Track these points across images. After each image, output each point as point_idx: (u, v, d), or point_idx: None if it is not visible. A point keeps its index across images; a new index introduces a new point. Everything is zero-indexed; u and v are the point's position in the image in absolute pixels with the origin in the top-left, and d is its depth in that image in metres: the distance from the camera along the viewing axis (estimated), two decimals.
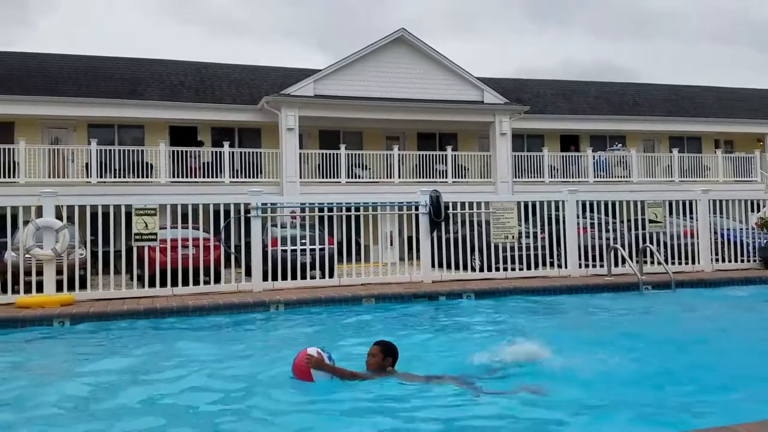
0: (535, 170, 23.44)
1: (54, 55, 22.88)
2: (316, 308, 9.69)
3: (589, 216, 13.42)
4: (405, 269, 12.63)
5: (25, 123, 20.42)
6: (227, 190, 18.71)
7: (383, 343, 5.07)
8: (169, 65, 23.61)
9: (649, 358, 5.85)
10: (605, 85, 29.23)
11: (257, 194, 11.54)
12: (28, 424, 4.29)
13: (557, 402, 4.50)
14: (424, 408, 4.36)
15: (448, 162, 22.39)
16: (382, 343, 5.05)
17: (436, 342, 7.17)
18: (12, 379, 5.66)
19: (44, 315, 8.76)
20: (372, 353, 4.98)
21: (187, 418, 4.37)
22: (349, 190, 19.82)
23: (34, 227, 10.08)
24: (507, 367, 5.28)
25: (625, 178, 24.33)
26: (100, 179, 19.12)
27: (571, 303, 10.03)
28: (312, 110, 21.21)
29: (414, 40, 22.19)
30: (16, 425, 4.26)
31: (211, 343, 7.27)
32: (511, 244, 12.54)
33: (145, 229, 10.53)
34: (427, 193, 12.24)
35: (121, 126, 21.68)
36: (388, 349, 5.00)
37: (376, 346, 5.02)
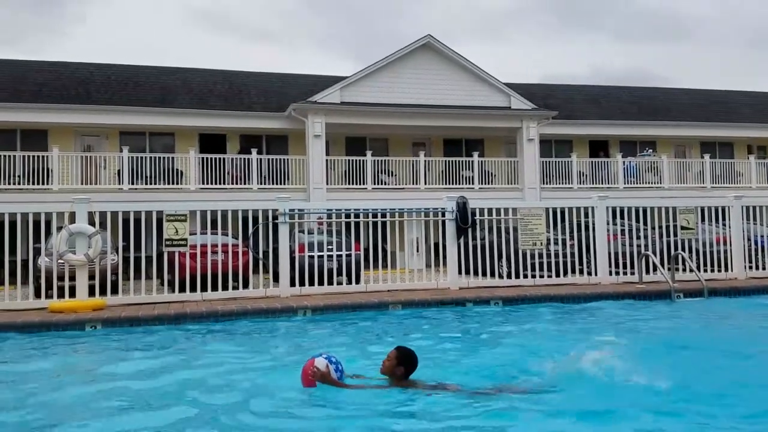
0: (563, 176, 23.22)
1: (87, 64, 23.40)
2: (343, 314, 9.71)
3: (619, 222, 13.23)
4: (432, 276, 12.59)
5: (58, 131, 20.89)
6: (255, 197, 18.89)
7: (402, 350, 5.00)
8: (198, 73, 23.97)
9: (690, 371, 5.66)
10: (635, 90, 28.84)
11: (285, 200, 11.62)
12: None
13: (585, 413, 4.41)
14: (424, 419, 4.32)
15: (475, 168, 22.30)
16: (400, 350, 4.99)
17: (463, 348, 7.11)
18: (46, 381, 5.77)
19: (77, 320, 8.90)
20: (388, 357, 4.95)
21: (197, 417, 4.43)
22: (375, 197, 19.91)
23: (68, 233, 10.29)
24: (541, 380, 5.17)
25: (656, 184, 23.97)
26: (132, 186, 19.47)
27: (602, 311, 9.87)
28: (338, 117, 21.33)
29: (440, 46, 22.19)
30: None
31: (239, 346, 7.33)
32: (540, 251, 12.42)
33: (175, 235, 10.68)
34: (453, 199, 12.20)
35: (152, 133, 22.06)
36: (405, 357, 4.92)
37: (395, 351, 4.98)
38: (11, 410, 4.75)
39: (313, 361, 4.83)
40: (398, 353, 4.94)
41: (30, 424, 4.44)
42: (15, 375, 6.13)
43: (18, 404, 4.93)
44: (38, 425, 4.42)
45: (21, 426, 4.43)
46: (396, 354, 4.93)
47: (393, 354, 4.94)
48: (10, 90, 20.79)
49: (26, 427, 4.43)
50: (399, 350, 4.98)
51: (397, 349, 5.01)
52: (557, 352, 6.34)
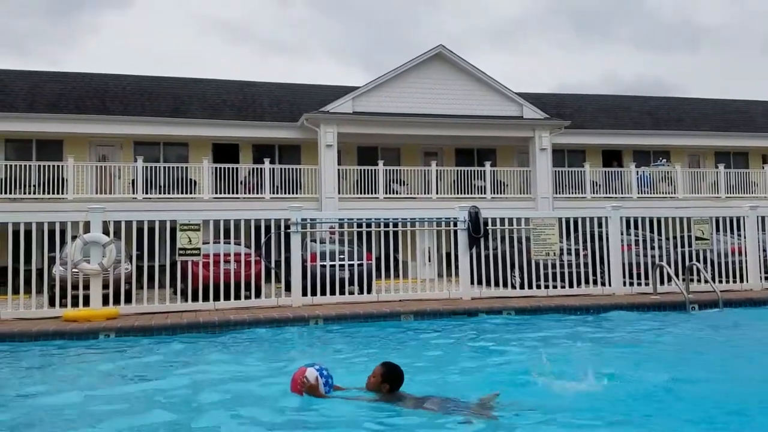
0: (576, 186, 23.11)
1: (102, 75, 23.67)
2: (355, 323, 9.69)
3: (633, 233, 13.13)
4: (443, 286, 12.55)
5: (73, 141, 21.12)
6: (268, 206, 18.96)
7: (387, 366, 4.94)
8: (212, 84, 24.17)
9: (709, 387, 5.59)
10: (649, 99, 28.71)
11: (297, 210, 11.66)
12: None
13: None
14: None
15: (487, 178, 22.26)
16: (385, 366, 4.93)
17: (474, 360, 7.07)
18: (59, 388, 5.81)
19: (90, 328, 8.95)
20: (373, 374, 4.90)
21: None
22: (386, 206, 19.91)
23: (82, 242, 10.37)
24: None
25: (670, 194, 23.79)
26: (146, 195, 19.61)
27: (617, 322, 9.77)
28: (350, 127, 21.40)
29: (452, 56, 22.24)
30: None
31: (247, 356, 7.34)
32: (553, 261, 12.35)
33: (189, 244, 10.73)
34: (465, 209, 12.17)
35: (166, 143, 22.24)
36: (389, 372, 4.87)
37: (380, 367, 4.92)
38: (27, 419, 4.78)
39: (305, 370, 4.86)
40: (383, 369, 4.89)
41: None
42: (31, 383, 6.17)
43: (33, 412, 4.96)
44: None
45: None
46: (381, 371, 4.88)
47: (378, 370, 4.89)
48: (26, 100, 21.08)
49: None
50: (384, 366, 4.93)
51: (383, 365, 4.95)
52: (568, 365, 6.31)
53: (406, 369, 4.95)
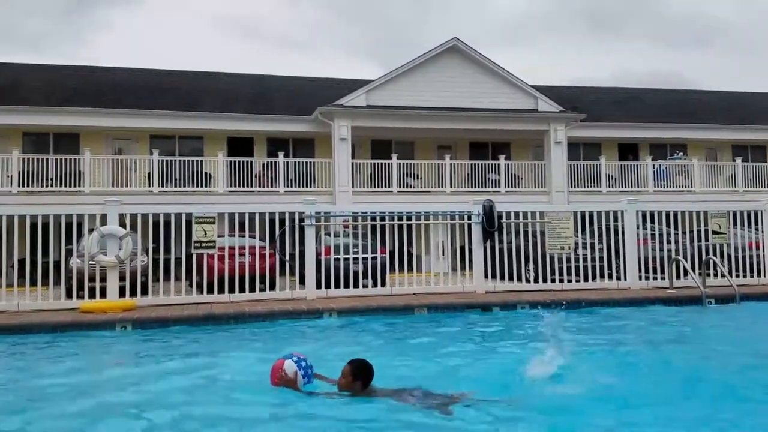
0: (591, 179, 22.96)
1: (118, 69, 23.85)
2: (369, 317, 9.70)
3: (649, 227, 13.02)
4: (457, 279, 12.54)
5: (90, 134, 21.31)
6: (282, 200, 19.02)
7: (355, 363, 4.82)
8: (226, 78, 24.27)
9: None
10: (665, 93, 28.42)
11: (311, 203, 11.68)
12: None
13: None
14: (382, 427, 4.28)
15: (501, 171, 22.18)
16: (353, 364, 4.81)
17: (488, 354, 7.06)
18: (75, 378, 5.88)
19: (107, 320, 9.03)
20: (343, 373, 4.78)
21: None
22: (400, 200, 19.89)
23: (99, 235, 10.47)
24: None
25: (687, 187, 23.56)
26: (161, 188, 19.76)
27: (633, 316, 9.70)
28: (364, 120, 21.39)
29: (467, 48, 22.14)
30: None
31: (262, 346, 7.39)
32: (567, 255, 12.29)
33: (204, 237, 10.80)
34: (480, 202, 12.13)
35: (181, 137, 22.37)
36: (358, 370, 4.76)
37: (348, 366, 4.80)
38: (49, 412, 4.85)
39: (283, 362, 4.82)
40: (351, 368, 4.77)
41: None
42: (46, 375, 6.25)
43: (55, 403, 5.03)
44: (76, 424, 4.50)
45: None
46: (350, 370, 4.76)
47: (347, 370, 4.77)
48: (43, 94, 21.28)
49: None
50: (352, 364, 4.81)
51: (350, 363, 4.83)
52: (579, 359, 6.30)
53: (416, 362, 4.93)
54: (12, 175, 18.94)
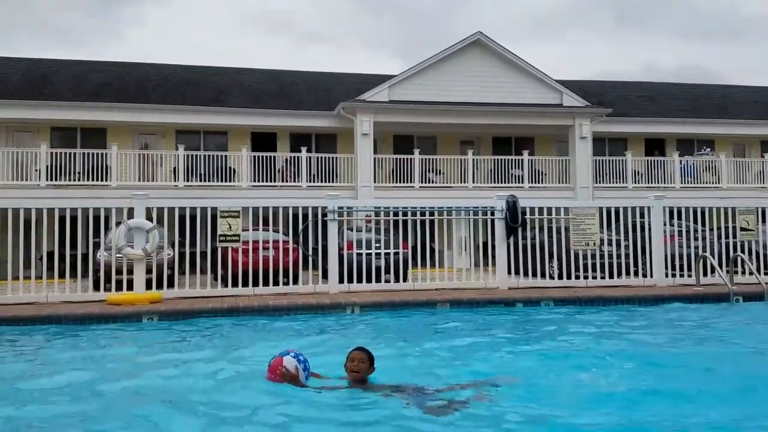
0: (617, 175, 22.70)
1: (145, 65, 24.13)
2: (391, 311, 9.72)
3: (676, 223, 12.84)
4: (480, 275, 12.48)
5: (117, 129, 21.62)
6: (304, 194, 19.13)
7: (364, 350, 4.88)
8: (251, 73, 24.42)
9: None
10: (693, 87, 27.94)
11: (334, 198, 11.72)
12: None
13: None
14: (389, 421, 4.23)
15: (525, 167, 22.02)
16: (366, 351, 4.86)
17: (512, 349, 7.01)
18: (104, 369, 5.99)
19: (134, 312, 9.18)
20: (361, 359, 4.79)
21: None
22: (422, 195, 19.88)
23: (126, 228, 10.62)
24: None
25: (714, 183, 23.19)
26: (187, 183, 19.98)
27: (659, 314, 9.57)
28: (387, 116, 21.38)
29: (491, 43, 21.99)
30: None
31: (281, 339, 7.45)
32: (592, 252, 12.17)
33: (228, 231, 10.91)
34: (503, 198, 12.07)
35: (206, 132, 22.60)
36: (371, 357, 4.85)
37: (363, 353, 4.83)
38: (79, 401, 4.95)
39: (281, 360, 4.76)
40: (368, 355, 4.85)
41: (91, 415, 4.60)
42: (79, 363, 6.38)
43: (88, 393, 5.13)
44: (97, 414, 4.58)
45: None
46: (366, 356, 4.84)
47: (364, 356, 4.82)
48: (71, 89, 21.64)
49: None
50: (365, 351, 4.88)
51: (362, 350, 4.89)
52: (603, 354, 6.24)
53: (439, 356, 4.85)
54: (40, 169, 19.30)
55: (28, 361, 6.60)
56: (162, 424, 4.21)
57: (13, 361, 6.58)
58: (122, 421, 4.33)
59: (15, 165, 19.49)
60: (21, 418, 4.39)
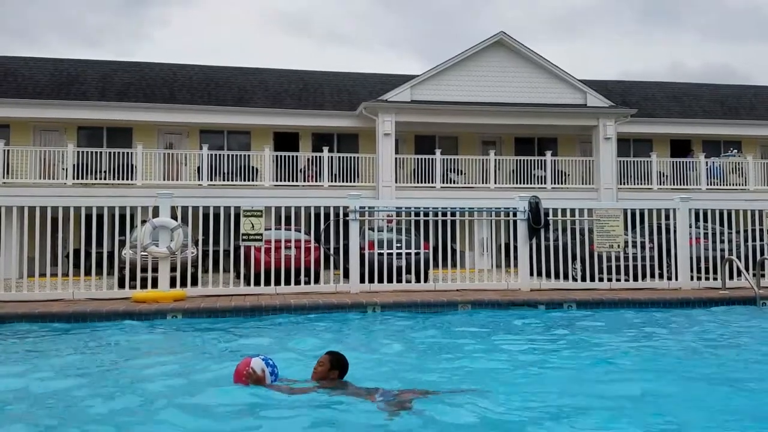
0: (642, 176, 22.42)
1: (170, 65, 24.40)
2: (412, 312, 9.71)
3: (702, 225, 12.66)
4: (501, 276, 12.42)
5: (142, 128, 21.90)
6: (326, 194, 19.20)
7: (333, 354, 5.00)
8: (274, 74, 24.57)
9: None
10: (720, 88, 27.47)
11: (356, 198, 11.74)
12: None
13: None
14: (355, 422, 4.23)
15: (547, 167, 21.85)
16: (332, 355, 4.99)
17: (536, 352, 6.97)
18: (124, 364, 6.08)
19: (159, 309, 9.28)
20: (320, 362, 4.92)
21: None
22: (443, 196, 19.82)
23: (151, 226, 10.75)
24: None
25: (741, 185, 22.78)
26: (210, 182, 20.18)
27: (685, 318, 9.43)
28: (408, 116, 21.37)
29: (514, 42, 21.86)
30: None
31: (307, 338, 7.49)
32: (616, 254, 12.04)
33: (251, 230, 10.99)
34: (525, 198, 11.99)
35: (229, 132, 22.80)
36: (337, 361, 4.93)
37: (326, 356, 4.97)
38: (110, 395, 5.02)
39: (249, 361, 4.77)
40: (331, 358, 4.94)
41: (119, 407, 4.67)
42: (110, 360, 6.48)
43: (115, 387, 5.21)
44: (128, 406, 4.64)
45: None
46: (329, 359, 4.92)
47: (326, 359, 4.93)
48: (98, 89, 21.96)
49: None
50: (331, 355, 4.98)
51: (329, 353, 5.00)
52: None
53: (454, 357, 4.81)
54: (67, 168, 19.62)
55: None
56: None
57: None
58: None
59: (43, 163, 19.84)
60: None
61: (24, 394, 5.04)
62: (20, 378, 5.51)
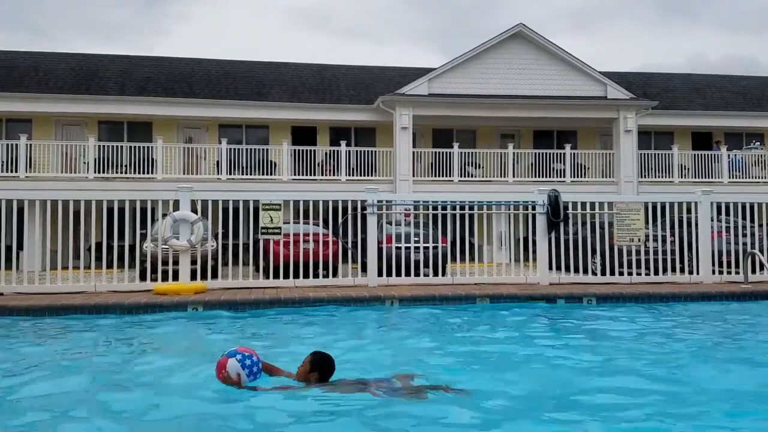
0: (663, 169, 22.16)
1: (188, 60, 24.56)
2: (430, 306, 9.71)
3: (723, 219, 12.50)
4: (520, 270, 12.35)
5: (162, 123, 22.10)
6: (343, 188, 19.24)
7: (316, 355, 4.83)
8: (291, 68, 24.64)
9: None
10: (742, 79, 27.03)
11: (373, 191, 11.75)
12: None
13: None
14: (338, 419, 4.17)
15: (567, 160, 21.68)
16: (315, 356, 4.82)
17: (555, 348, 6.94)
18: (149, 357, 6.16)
19: (180, 301, 9.36)
20: (303, 362, 4.79)
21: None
22: (461, 189, 19.75)
23: (172, 220, 10.86)
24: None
25: (763, 178, 22.42)
26: (229, 176, 20.32)
27: (708, 312, 9.32)
28: (426, 109, 21.31)
29: (533, 34, 21.69)
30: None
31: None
32: (637, 248, 11.93)
33: (270, 223, 11.06)
34: (545, 192, 11.91)
35: (248, 126, 22.93)
36: (318, 362, 4.75)
37: (309, 356, 4.82)
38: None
39: (226, 362, 4.63)
40: (312, 358, 4.79)
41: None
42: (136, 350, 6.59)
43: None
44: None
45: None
46: (310, 359, 4.78)
47: (307, 359, 4.79)
48: (118, 84, 22.19)
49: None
50: (313, 356, 4.82)
51: (312, 354, 4.85)
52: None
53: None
54: (88, 162, 19.87)
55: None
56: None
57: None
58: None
59: (64, 158, 20.12)
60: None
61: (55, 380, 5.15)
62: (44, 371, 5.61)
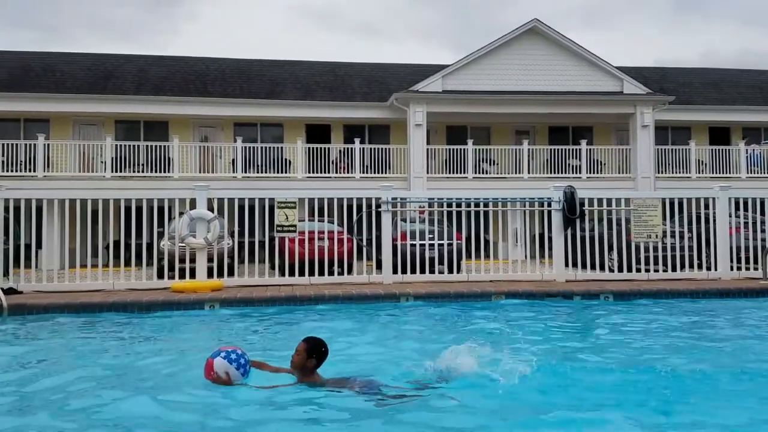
0: (680, 165, 21.95)
1: (203, 59, 24.69)
2: (445, 302, 9.71)
3: (741, 215, 12.36)
4: (536, 267, 12.30)
5: (178, 122, 22.25)
6: (358, 185, 19.25)
7: (311, 341, 4.75)
8: (305, 66, 24.69)
9: None
10: (760, 74, 26.66)
11: (388, 189, 11.75)
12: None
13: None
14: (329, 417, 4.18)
15: (582, 156, 21.53)
16: (309, 342, 4.74)
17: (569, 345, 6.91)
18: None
19: (197, 299, 9.46)
20: (297, 350, 4.69)
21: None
22: (475, 186, 19.67)
23: (189, 218, 10.96)
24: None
25: None
26: (245, 174, 20.42)
27: (727, 309, 9.23)
28: (440, 106, 21.26)
29: (547, 30, 21.53)
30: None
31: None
32: (654, 244, 11.83)
33: (285, 221, 11.11)
34: (560, 188, 11.85)
35: (263, 124, 23.03)
36: (313, 348, 4.67)
37: (303, 343, 4.72)
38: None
39: (213, 363, 4.59)
40: (307, 345, 4.68)
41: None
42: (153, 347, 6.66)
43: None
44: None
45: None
46: (305, 346, 4.67)
47: (302, 347, 4.68)
48: (134, 84, 22.36)
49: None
50: (308, 342, 4.72)
51: (306, 341, 4.75)
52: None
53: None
54: (106, 161, 20.06)
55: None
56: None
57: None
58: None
59: (82, 157, 20.32)
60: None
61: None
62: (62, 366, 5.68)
